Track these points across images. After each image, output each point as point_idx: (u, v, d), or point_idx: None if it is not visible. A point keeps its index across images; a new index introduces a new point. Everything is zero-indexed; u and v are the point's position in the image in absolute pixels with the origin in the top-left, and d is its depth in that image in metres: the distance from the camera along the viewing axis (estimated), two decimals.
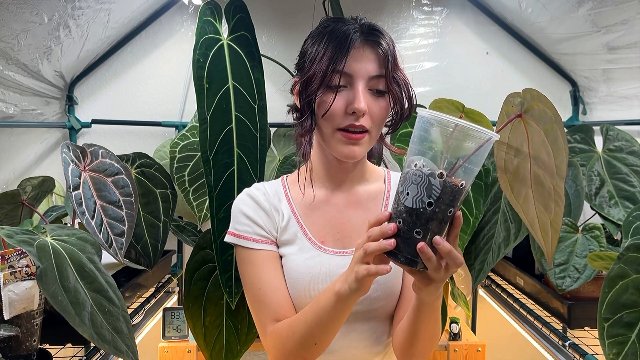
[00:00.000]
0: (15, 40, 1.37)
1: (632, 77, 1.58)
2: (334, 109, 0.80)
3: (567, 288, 1.26)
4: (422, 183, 0.61)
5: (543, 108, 0.82)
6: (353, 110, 0.79)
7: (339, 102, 0.80)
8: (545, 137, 0.82)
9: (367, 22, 0.84)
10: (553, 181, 0.84)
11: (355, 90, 0.80)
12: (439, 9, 1.92)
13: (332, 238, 0.89)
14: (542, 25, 1.71)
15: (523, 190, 0.91)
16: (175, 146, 1.60)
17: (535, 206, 0.89)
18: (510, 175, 0.92)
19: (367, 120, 0.81)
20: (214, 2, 1.15)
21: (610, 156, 1.51)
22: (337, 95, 0.80)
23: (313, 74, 0.81)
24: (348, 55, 0.79)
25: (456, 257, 0.64)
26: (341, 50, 0.79)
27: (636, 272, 0.85)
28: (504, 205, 1.56)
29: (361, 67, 0.80)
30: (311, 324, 0.78)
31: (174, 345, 1.51)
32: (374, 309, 0.87)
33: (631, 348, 0.81)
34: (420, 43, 1.92)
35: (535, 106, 0.84)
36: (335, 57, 0.79)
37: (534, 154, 0.85)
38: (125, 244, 1.14)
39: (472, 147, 0.60)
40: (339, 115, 0.80)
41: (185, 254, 1.93)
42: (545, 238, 0.90)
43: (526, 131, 0.85)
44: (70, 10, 1.45)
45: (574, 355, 1.20)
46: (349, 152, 0.82)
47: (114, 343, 0.90)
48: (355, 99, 0.79)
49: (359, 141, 0.82)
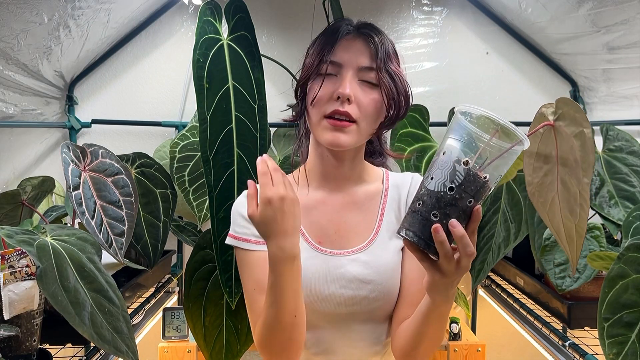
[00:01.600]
0: (15, 40, 1.37)
1: (632, 77, 1.58)
2: (321, 95, 0.82)
3: (567, 288, 1.26)
4: (447, 168, 0.62)
5: (573, 114, 0.82)
6: (338, 95, 0.80)
7: (326, 89, 0.82)
8: (574, 142, 0.82)
9: (363, 21, 0.87)
10: (579, 185, 0.83)
11: (342, 77, 0.82)
12: (439, 9, 1.92)
13: (329, 239, 0.89)
14: (542, 25, 1.71)
15: (549, 197, 0.90)
16: (175, 146, 1.60)
17: (561, 212, 0.89)
18: (538, 183, 0.92)
19: (353, 108, 0.81)
20: (214, 2, 1.15)
21: (610, 156, 1.51)
22: (327, 82, 0.82)
23: (305, 65, 0.85)
24: (336, 45, 0.82)
25: (468, 243, 0.63)
26: (330, 40, 0.82)
27: (636, 272, 0.85)
28: (504, 205, 1.56)
29: (350, 56, 0.82)
30: (267, 304, 0.77)
31: (174, 345, 1.51)
32: (372, 310, 0.87)
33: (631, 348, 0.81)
34: (420, 43, 1.92)
35: (566, 114, 0.84)
36: (325, 47, 0.82)
37: (562, 160, 0.85)
38: (125, 244, 1.14)
39: (504, 147, 0.62)
40: (325, 101, 0.82)
41: (185, 254, 1.93)
42: (571, 245, 0.90)
43: (555, 138, 0.85)
44: (70, 10, 1.45)
45: (574, 355, 1.20)
46: (333, 139, 0.81)
47: (114, 343, 0.91)
48: (340, 85, 0.81)
49: (345, 129, 0.81)
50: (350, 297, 0.85)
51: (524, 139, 0.63)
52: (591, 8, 1.45)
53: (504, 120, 0.62)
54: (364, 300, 0.86)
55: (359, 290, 0.85)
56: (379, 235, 0.89)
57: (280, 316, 0.76)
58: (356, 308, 0.86)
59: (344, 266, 0.86)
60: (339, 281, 0.85)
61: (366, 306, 0.86)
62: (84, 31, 1.59)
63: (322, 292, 0.85)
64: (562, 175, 0.86)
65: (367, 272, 0.85)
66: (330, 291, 0.85)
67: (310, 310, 0.85)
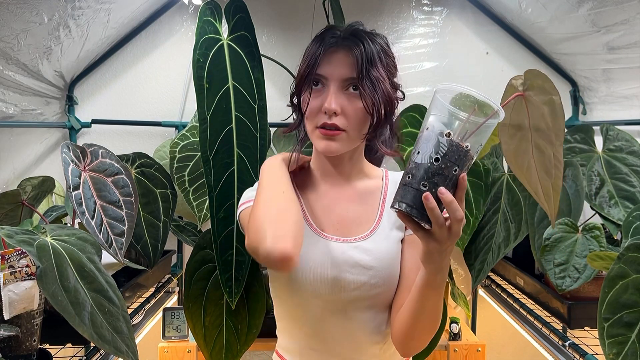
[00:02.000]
0: (15, 40, 1.37)
1: (632, 77, 1.58)
2: (311, 108, 0.87)
3: (567, 288, 1.26)
4: (431, 141, 0.68)
5: (541, 84, 0.89)
6: (324, 110, 0.85)
7: (315, 102, 0.87)
8: (544, 109, 0.89)
9: (352, 27, 0.89)
10: (553, 148, 0.91)
11: (327, 91, 0.86)
12: (439, 9, 1.92)
13: (333, 227, 0.92)
14: (542, 25, 1.71)
15: (525, 161, 0.97)
16: (175, 146, 1.60)
17: (538, 173, 0.96)
18: (513, 149, 0.99)
19: (341, 119, 0.86)
20: (214, 2, 1.15)
21: (610, 156, 1.51)
22: (315, 95, 0.87)
23: (297, 76, 0.90)
24: (320, 59, 0.86)
25: (457, 208, 0.67)
26: (315, 54, 0.87)
27: (636, 272, 0.85)
28: (504, 205, 1.56)
29: (334, 70, 0.86)
30: (257, 200, 0.83)
31: (174, 345, 1.51)
32: (372, 296, 0.89)
33: (631, 348, 0.81)
34: (420, 43, 1.92)
35: (534, 84, 0.90)
36: (311, 61, 0.86)
37: (535, 127, 0.93)
38: (125, 244, 1.14)
39: (481, 118, 0.68)
40: (314, 114, 0.87)
41: (185, 254, 1.93)
42: (548, 201, 0.97)
43: (527, 107, 0.92)
44: (70, 10, 1.45)
45: (574, 355, 1.20)
46: (325, 147, 0.87)
47: (114, 343, 0.91)
48: (325, 100, 0.85)
49: (335, 137, 0.86)
50: (352, 282, 0.87)
51: (499, 110, 0.68)
52: (591, 8, 1.45)
53: (478, 94, 0.67)
54: (365, 286, 0.88)
55: (360, 275, 0.87)
56: (380, 226, 0.92)
57: (270, 194, 0.83)
58: (357, 293, 0.88)
59: (346, 252, 0.88)
60: (341, 266, 0.87)
61: (366, 292, 0.88)
62: (84, 31, 1.59)
63: (324, 276, 0.87)
64: (535, 140, 0.93)
65: (369, 259, 0.88)
66: (332, 275, 0.87)
67: (312, 295, 0.88)
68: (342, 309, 0.89)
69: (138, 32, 1.85)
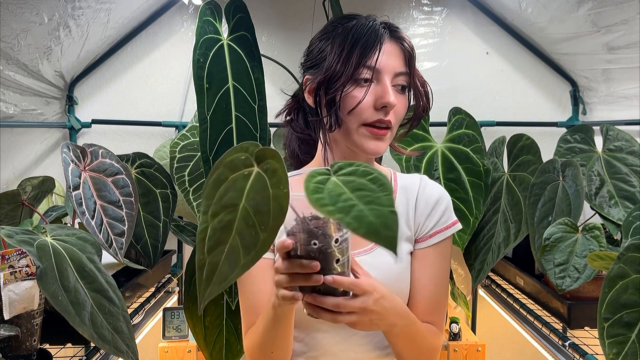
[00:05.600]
0: (15, 40, 1.37)
1: (632, 77, 1.58)
2: (363, 104, 0.80)
3: (567, 288, 1.26)
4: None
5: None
6: (383, 104, 0.80)
7: (367, 97, 0.80)
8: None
9: (386, 20, 0.86)
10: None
11: (383, 85, 0.81)
12: (439, 9, 1.92)
13: None
14: (542, 25, 1.71)
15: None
16: (175, 146, 1.60)
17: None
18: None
19: (392, 115, 0.82)
20: (214, 2, 1.15)
21: (610, 156, 1.51)
22: (361, 89, 0.81)
23: (339, 69, 0.80)
24: (381, 50, 0.80)
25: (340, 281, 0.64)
26: (373, 45, 0.80)
27: (636, 272, 0.84)
28: (504, 205, 1.56)
29: (389, 62, 0.81)
30: (262, 333, 0.79)
31: (174, 345, 1.51)
32: None
33: (631, 348, 0.80)
34: (420, 43, 1.92)
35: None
36: (367, 52, 0.79)
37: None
38: (125, 244, 1.14)
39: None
40: (367, 110, 0.81)
41: (185, 254, 1.93)
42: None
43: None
44: (70, 10, 1.45)
45: (574, 355, 1.20)
46: (375, 148, 0.82)
47: (114, 343, 0.90)
48: (385, 94, 0.80)
49: (384, 137, 0.82)
50: None
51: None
52: (591, 8, 1.45)
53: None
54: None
55: None
56: None
57: (276, 348, 0.80)
58: None
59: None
60: None
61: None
62: (84, 31, 1.59)
63: None
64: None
65: (373, 275, 0.84)
66: None
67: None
68: (343, 325, 0.87)
69: (138, 32, 1.85)
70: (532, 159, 1.56)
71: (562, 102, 1.92)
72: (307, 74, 0.89)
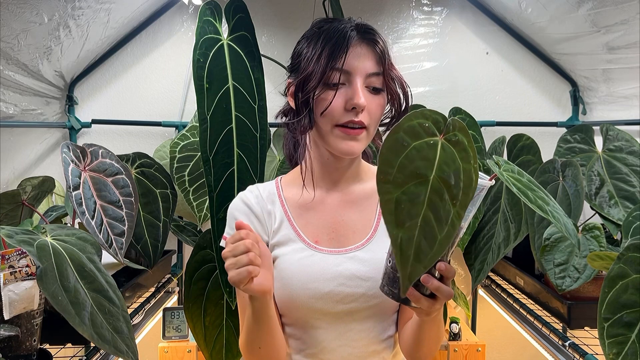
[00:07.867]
0: (15, 40, 1.37)
1: (632, 77, 1.58)
2: (334, 106, 0.82)
3: (567, 288, 1.26)
4: None
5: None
6: (353, 105, 0.81)
7: (338, 99, 0.82)
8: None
9: (361, 22, 0.86)
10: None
11: (354, 86, 0.82)
12: (439, 9, 1.92)
13: (327, 237, 0.89)
14: (542, 25, 1.71)
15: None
16: (175, 146, 1.60)
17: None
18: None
19: (365, 116, 0.83)
20: (214, 2, 1.15)
21: (610, 156, 1.51)
22: (338, 92, 0.82)
23: (311, 72, 0.82)
24: (347, 53, 0.81)
25: (443, 289, 0.67)
26: (340, 48, 0.81)
27: (636, 272, 0.84)
28: (504, 205, 1.56)
29: (359, 64, 0.82)
30: (247, 329, 0.84)
31: (174, 345, 1.51)
32: (371, 307, 0.87)
33: (631, 348, 0.80)
34: (420, 43, 1.92)
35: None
36: (334, 55, 0.81)
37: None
38: (125, 244, 1.14)
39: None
40: (338, 111, 0.82)
41: (185, 254, 1.93)
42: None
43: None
44: (70, 10, 1.45)
45: (574, 355, 1.20)
46: (348, 148, 0.83)
47: (114, 343, 0.90)
48: (354, 95, 0.81)
49: (358, 137, 0.83)
50: (349, 295, 0.85)
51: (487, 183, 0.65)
52: (591, 8, 1.45)
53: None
54: (362, 298, 0.86)
55: (357, 287, 0.85)
56: (377, 233, 0.89)
57: (262, 342, 0.83)
58: (354, 305, 0.86)
59: (341, 264, 0.86)
60: (337, 279, 0.85)
61: (364, 303, 0.86)
62: (84, 31, 1.59)
63: (320, 290, 0.85)
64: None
65: (366, 270, 0.86)
66: (328, 289, 0.85)
67: (307, 309, 0.86)
68: (339, 320, 0.87)
69: (138, 32, 1.85)
70: (532, 159, 1.56)
71: (562, 102, 1.92)
72: (289, 77, 0.91)
